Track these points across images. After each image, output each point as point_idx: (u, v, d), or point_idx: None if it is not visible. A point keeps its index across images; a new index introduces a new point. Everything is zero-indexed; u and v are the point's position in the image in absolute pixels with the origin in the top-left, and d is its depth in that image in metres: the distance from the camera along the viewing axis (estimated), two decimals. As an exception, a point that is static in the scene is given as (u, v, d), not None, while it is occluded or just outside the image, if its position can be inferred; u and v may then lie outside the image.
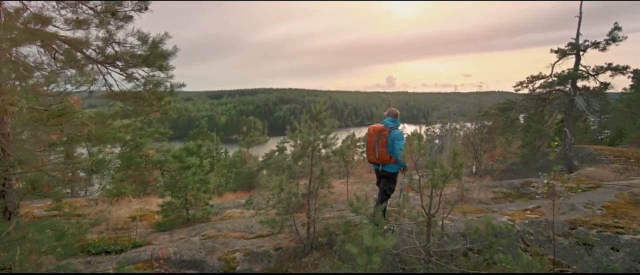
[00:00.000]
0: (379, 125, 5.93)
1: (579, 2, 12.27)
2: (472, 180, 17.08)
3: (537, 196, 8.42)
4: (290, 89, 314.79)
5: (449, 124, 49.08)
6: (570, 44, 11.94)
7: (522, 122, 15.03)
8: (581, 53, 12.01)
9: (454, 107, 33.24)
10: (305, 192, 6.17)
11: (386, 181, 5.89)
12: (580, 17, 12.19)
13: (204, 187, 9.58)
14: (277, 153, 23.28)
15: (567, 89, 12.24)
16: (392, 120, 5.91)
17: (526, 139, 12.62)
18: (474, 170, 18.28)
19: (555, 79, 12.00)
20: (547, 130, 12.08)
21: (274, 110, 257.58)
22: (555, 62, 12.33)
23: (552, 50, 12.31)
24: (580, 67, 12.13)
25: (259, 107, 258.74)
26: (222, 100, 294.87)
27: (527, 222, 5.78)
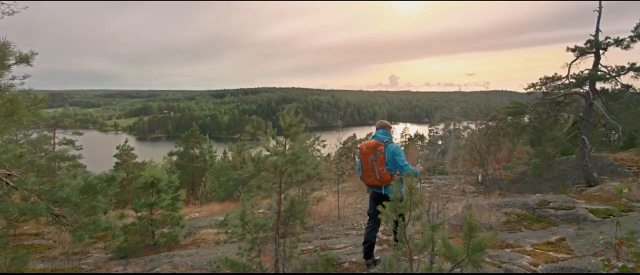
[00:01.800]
0: (371, 140, 4.95)
1: (599, -6, 10.94)
2: (477, 189, 15.80)
3: (557, 221, 7.15)
4: (292, 88, 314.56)
5: (452, 124, 47.73)
6: (589, 41, 10.63)
7: (527, 121, 13.72)
8: (601, 52, 10.71)
9: (457, 109, 32.01)
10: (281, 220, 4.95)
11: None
12: (599, 11, 10.88)
13: (172, 206, 8.40)
14: (274, 157, 22.06)
15: (585, 91, 10.94)
16: (384, 133, 5.10)
17: (539, 148, 11.33)
18: (479, 178, 17.02)
19: (573, 80, 10.69)
20: (562, 139, 10.78)
21: (277, 110, 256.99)
22: (573, 62, 11.03)
23: (568, 49, 11.01)
24: (601, 67, 10.82)
25: (262, 107, 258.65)
26: (225, 100, 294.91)
27: (554, 265, 4.54)
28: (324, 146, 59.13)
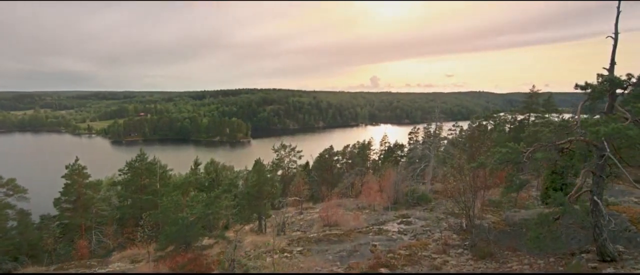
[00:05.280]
0: None
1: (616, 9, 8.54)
2: (462, 241, 13.31)
3: None
4: (274, 89, 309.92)
5: (433, 126, 45.72)
6: (605, 80, 8.24)
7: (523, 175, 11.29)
8: (620, 92, 8.34)
9: (439, 124, 29.98)
10: None
11: None
12: (615, 38, 8.52)
13: None
14: (230, 194, 19.15)
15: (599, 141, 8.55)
16: None
17: (541, 213, 8.88)
18: (464, 224, 14.60)
19: (584, 132, 8.28)
20: (570, 205, 8.35)
21: (258, 111, 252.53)
22: (584, 102, 8.65)
23: (577, 86, 8.61)
24: (617, 108, 8.45)
25: (243, 108, 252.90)
26: (204, 101, 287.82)
27: None
28: (300, 157, 55.87)
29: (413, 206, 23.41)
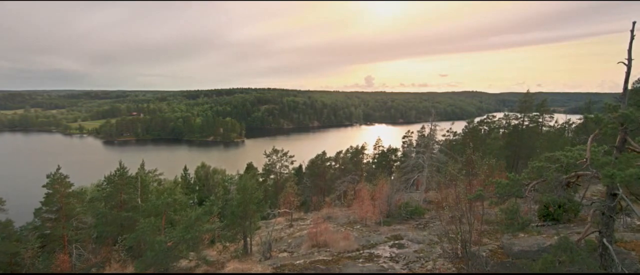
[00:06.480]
0: None
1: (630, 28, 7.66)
2: (458, 272, 12.40)
3: None
4: (268, 89, 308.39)
5: (427, 129, 44.97)
6: (619, 114, 7.32)
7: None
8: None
9: (433, 127, 29.32)
10: None
11: None
12: (629, 65, 7.62)
13: None
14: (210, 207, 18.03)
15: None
16: None
17: (546, 254, 7.99)
18: (459, 253, 13.71)
19: (595, 171, 7.38)
20: (579, 251, 7.47)
21: (252, 111, 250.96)
22: (594, 136, 7.76)
23: (587, 118, 7.72)
24: (630, 142, 7.57)
25: (237, 108, 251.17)
26: (198, 101, 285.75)
27: None
28: (292, 162, 54.47)
29: (406, 220, 22.55)
